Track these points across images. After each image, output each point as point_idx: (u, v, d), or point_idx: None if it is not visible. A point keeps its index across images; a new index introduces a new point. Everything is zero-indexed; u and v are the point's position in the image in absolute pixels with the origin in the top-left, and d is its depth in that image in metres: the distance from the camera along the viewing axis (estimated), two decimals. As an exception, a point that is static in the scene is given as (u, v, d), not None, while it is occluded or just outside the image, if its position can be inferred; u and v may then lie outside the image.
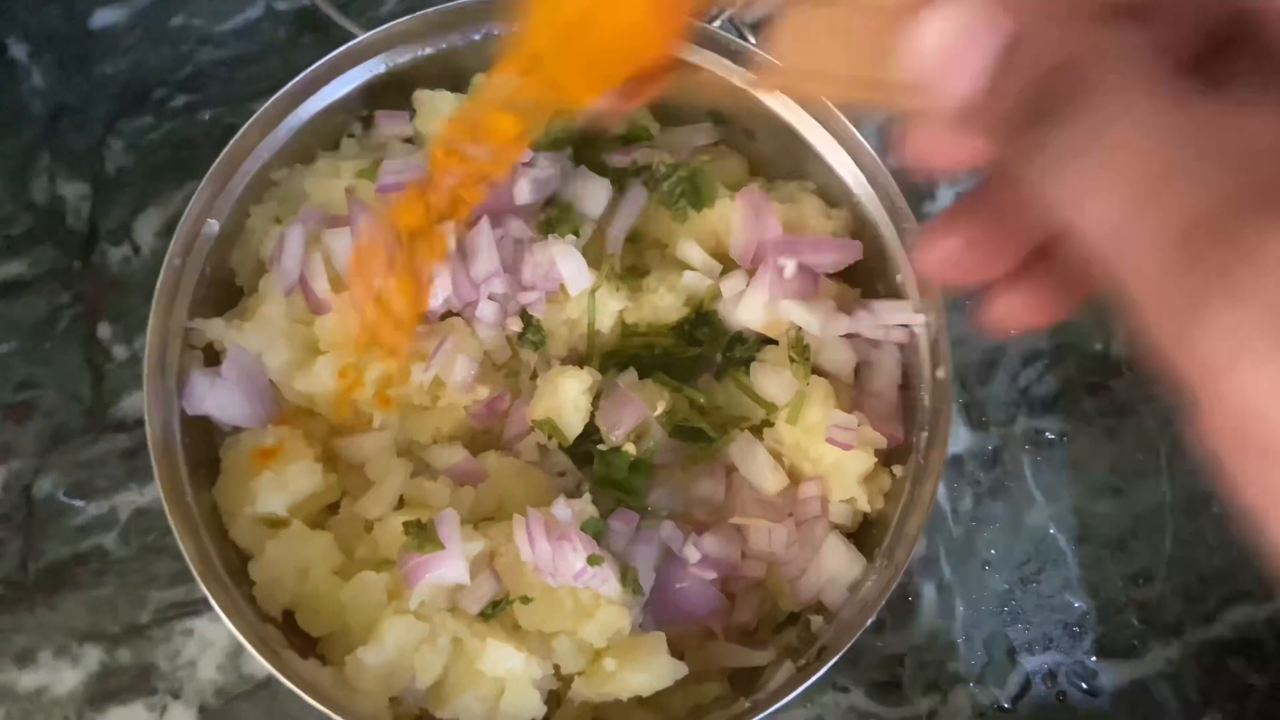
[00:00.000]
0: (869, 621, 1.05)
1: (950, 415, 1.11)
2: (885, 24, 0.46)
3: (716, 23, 1.25)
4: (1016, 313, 0.54)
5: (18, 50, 1.40)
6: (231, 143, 1.12)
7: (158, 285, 1.07)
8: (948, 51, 0.43)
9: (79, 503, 1.27)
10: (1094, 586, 1.35)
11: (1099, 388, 1.41)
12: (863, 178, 1.20)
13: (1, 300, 1.32)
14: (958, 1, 0.44)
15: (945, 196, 1.46)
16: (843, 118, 1.17)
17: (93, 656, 1.24)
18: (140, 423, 1.27)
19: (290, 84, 1.15)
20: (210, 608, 1.22)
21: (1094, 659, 1.33)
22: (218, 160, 1.12)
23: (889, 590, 1.07)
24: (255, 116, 1.13)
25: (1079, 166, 0.39)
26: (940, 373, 1.13)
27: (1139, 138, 0.38)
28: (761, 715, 1.04)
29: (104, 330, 1.32)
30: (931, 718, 1.30)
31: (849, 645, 1.04)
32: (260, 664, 1.21)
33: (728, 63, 1.21)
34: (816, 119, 1.20)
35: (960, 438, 1.38)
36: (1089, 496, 1.37)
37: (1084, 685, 1.32)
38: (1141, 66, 0.40)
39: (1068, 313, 0.54)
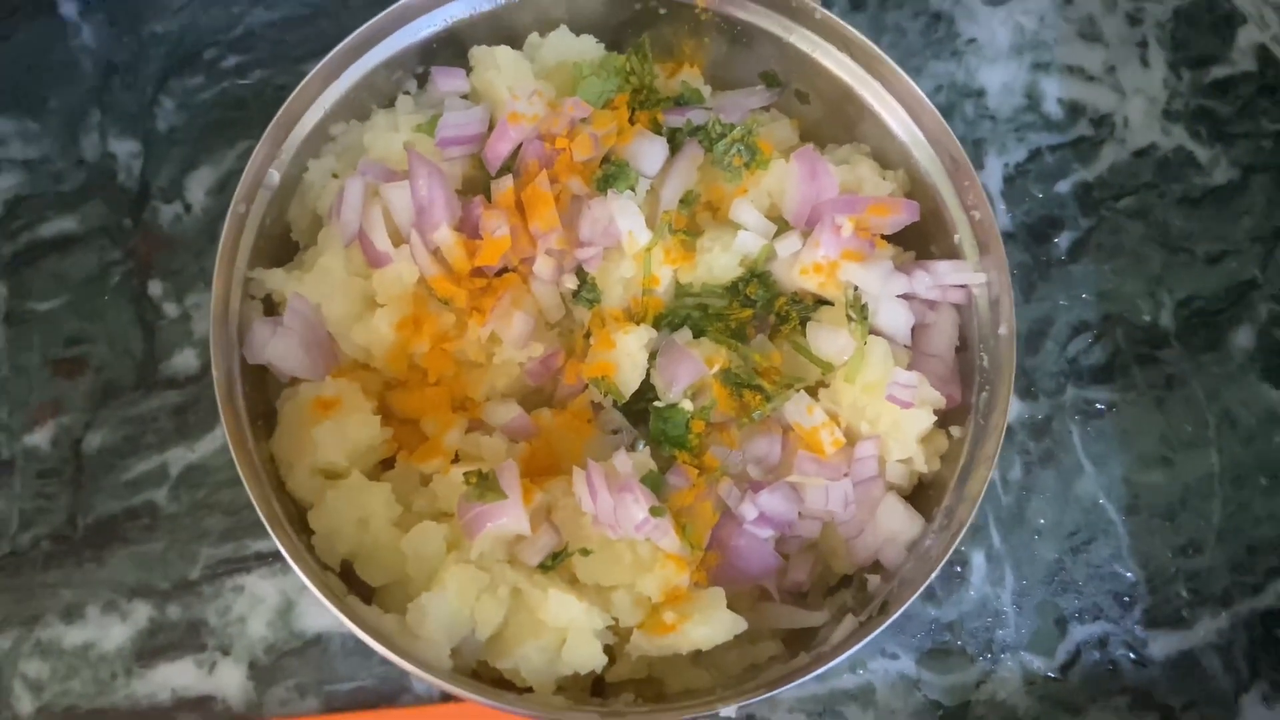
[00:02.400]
0: (931, 577, 1.04)
1: (1013, 374, 1.11)
2: None
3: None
4: None
5: (68, 8, 1.40)
6: (291, 96, 1.12)
7: (223, 234, 1.06)
8: None
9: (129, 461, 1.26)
10: (1143, 556, 1.34)
11: (1148, 358, 1.40)
12: (922, 137, 1.20)
13: (53, 255, 1.32)
14: None
15: (993, 166, 1.46)
16: (902, 73, 1.17)
17: (141, 612, 1.23)
18: (190, 380, 1.29)
19: (349, 38, 1.15)
20: (261, 564, 1.24)
21: (1143, 629, 1.32)
22: (278, 114, 1.12)
23: (951, 549, 1.06)
24: (315, 70, 1.13)
25: None
26: (1002, 330, 1.13)
27: None
28: (816, 673, 1.04)
29: (155, 287, 1.31)
30: (980, 685, 1.29)
31: (911, 600, 1.04)
32: (311, 620, 1.22)
33: (788, 22, 1.21)
34: (876, 77, 1.20)
35: (1010, 407, 1.37)
36: (1138, 467, 1.37)
37: (1133, 655, 1.31)
38: None
39: None
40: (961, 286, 1.18)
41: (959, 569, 1.33)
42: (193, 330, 1.30)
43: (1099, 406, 1.38)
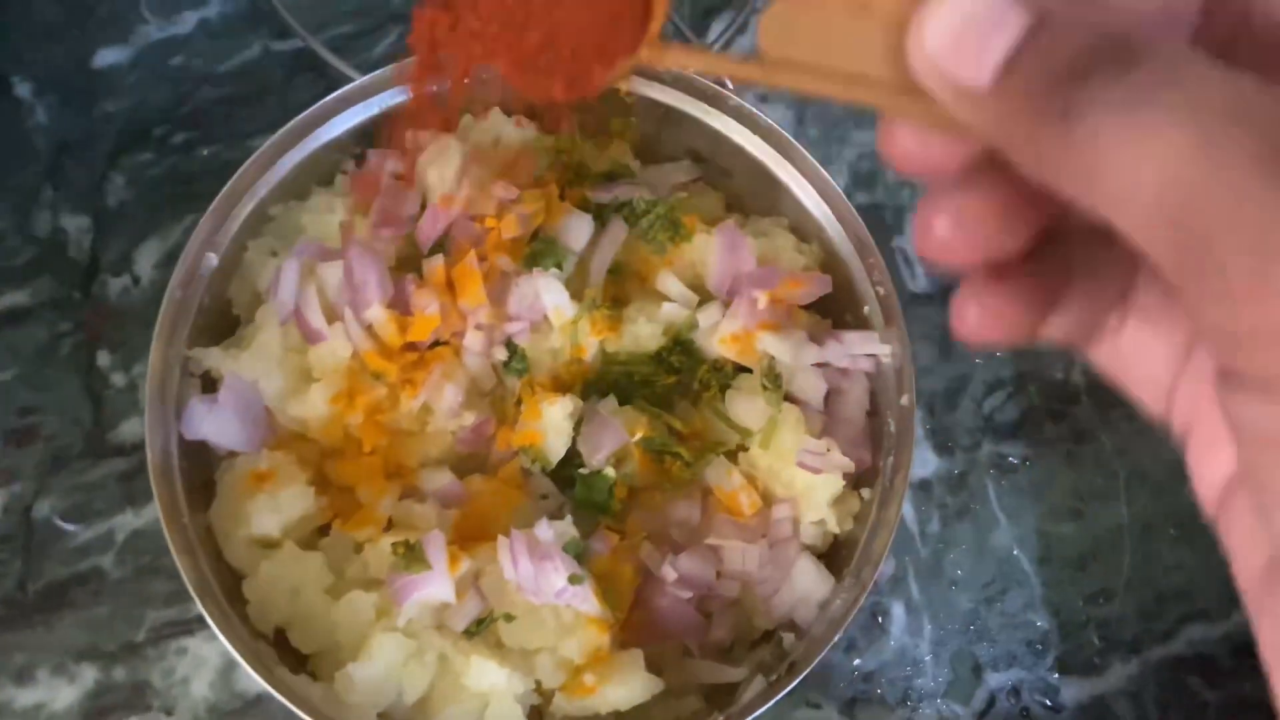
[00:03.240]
0: (836, 637, 1.10)
1: (914, 440, 1.17)
2: (890, 17, 0.45)
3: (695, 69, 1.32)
4: (985, 320, 0.51)
5: (22, 89, 1.45)
6: (232, 179, 1.18)
7: (160, 315, 1.12)
8: (971, 28, 0.41)
9: (71, 527, 1.31)
10: (1055, 605, 1.40)
11: (1059, 414, 1.47)
12: (831, 215, 1.27)
13: (4, 328, 1.36)
14: None
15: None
16: (810, 158, 1.24)
17: (89, 674, 1.27)
18: (137, 447, 1.33)
19: (289, 124, 1.21)
20: (204, 626, 1.28)
21: (1056, 675, 1.38)
22: (219, 196, 1.17)
23: (855, 607, 1.12)
24: (255, 155, 1.19)
25: (1139, 115, 0.36)
26: (905, 399, 1.19)
27: (1209, 84, 0.36)
28: (734, 729, 1.09)
29: (103, 358, 1.36)
30: (901, 733, 1.35)
31: (818, 660, 1.10)
32: (252, 682, 1.26)
33: (707, 106, 1.28)
34: (788, 159, 1.27)
35: (928, 462, 1.44)
36: (1050, 518, 1.43)
37: (1047, 701, 1.37)
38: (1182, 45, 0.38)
39: (1033, 331, 0.53)
40: (871, 355, 1.25)
41: (880, 620, 1.38)
42: (139, 400, 1.33)
43: (1013, 461, 1.45)
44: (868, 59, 0.47)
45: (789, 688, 1.08)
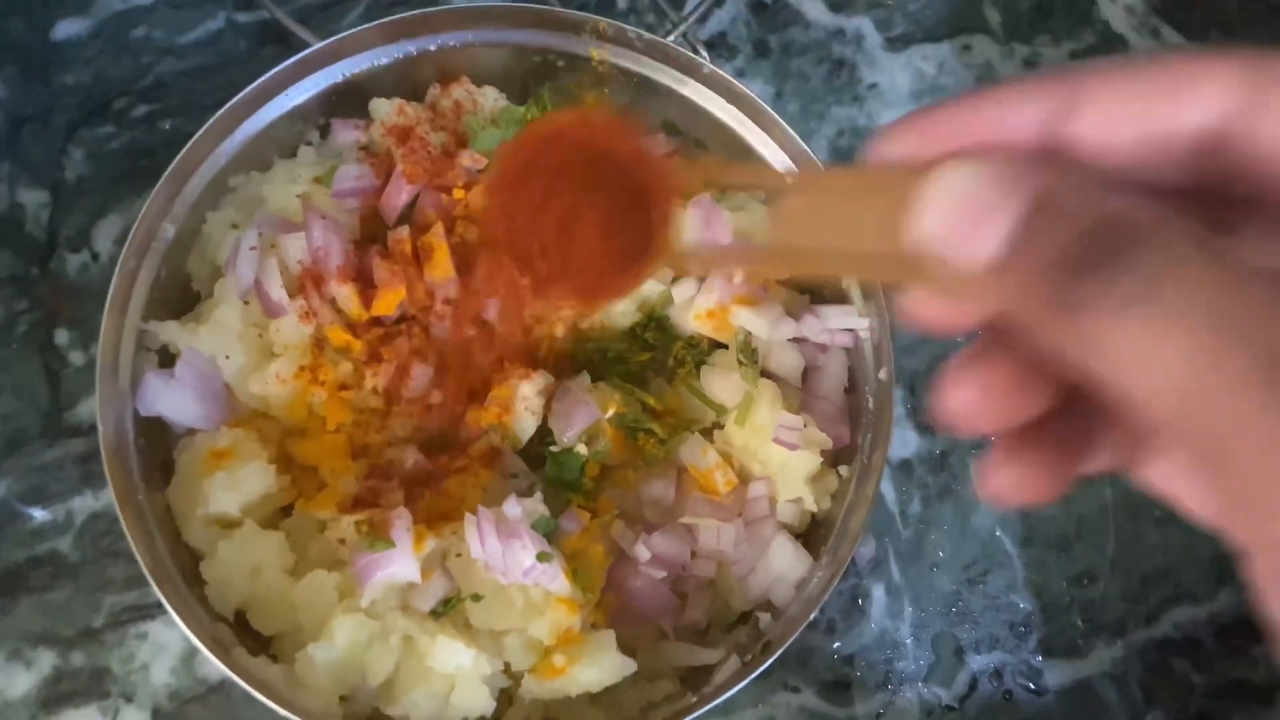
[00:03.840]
0: (811, 616, 1.07)
1: (892, 416, 1.14)
2: (892, 198, 0.45)
3: (671, 37, 1.28)
4: (1015, 486, 0.52)
5: (-21, 60, 1.41)
6: (187, 147, 1.14)
7: (111, 286, 1.08)
8: (969, 211, 0.41)
9: (33, 511, 1.27)
10: (1039, 587, 1.38)
11: (1043, 393, 1.44)
12: (809, 186, 1.24)
13: (-42, 306, 1.32)
14: (975, 160, 0.42)
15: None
16: (788, 128, 1.21)
17: (46, 660, 1.23)
18: (95, 428, 1.29)
19: (248, 89, 1.17)
20: (164, 611, 1.23)
21: (1039, 658, 1.36)
22: (173, 164, 1.13)
23: (831, 586, 1.09)
24: (212, 121, 1.15)
25: (1142, 314, 0.37)
26: (883, 374, 1.16)
27: (1203, 286, 0.36)
28: (708, 708, 1.06)
29: (61, 336, 1.32)
30: (880, 717, 1.32)
31: (794, 640, 1.07)
32: (214, 667, 1.21)
33: (680, 75, 1.25)
34: (765, 130, 1.24)
35: (909, 442, 1.41)
36: (1034, 499, 1.40)
37: (1030, 684, 1.35)
38: (1178, 225, 0.38)
39: (1065, 487, 0.53)
40: (849, 330, 1.22)
41: (859, 602, 1.36)
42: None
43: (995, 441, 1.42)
44: (879, 237, 0.47)
45: (763, 667, 1.05)
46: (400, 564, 1.05)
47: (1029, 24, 1.58)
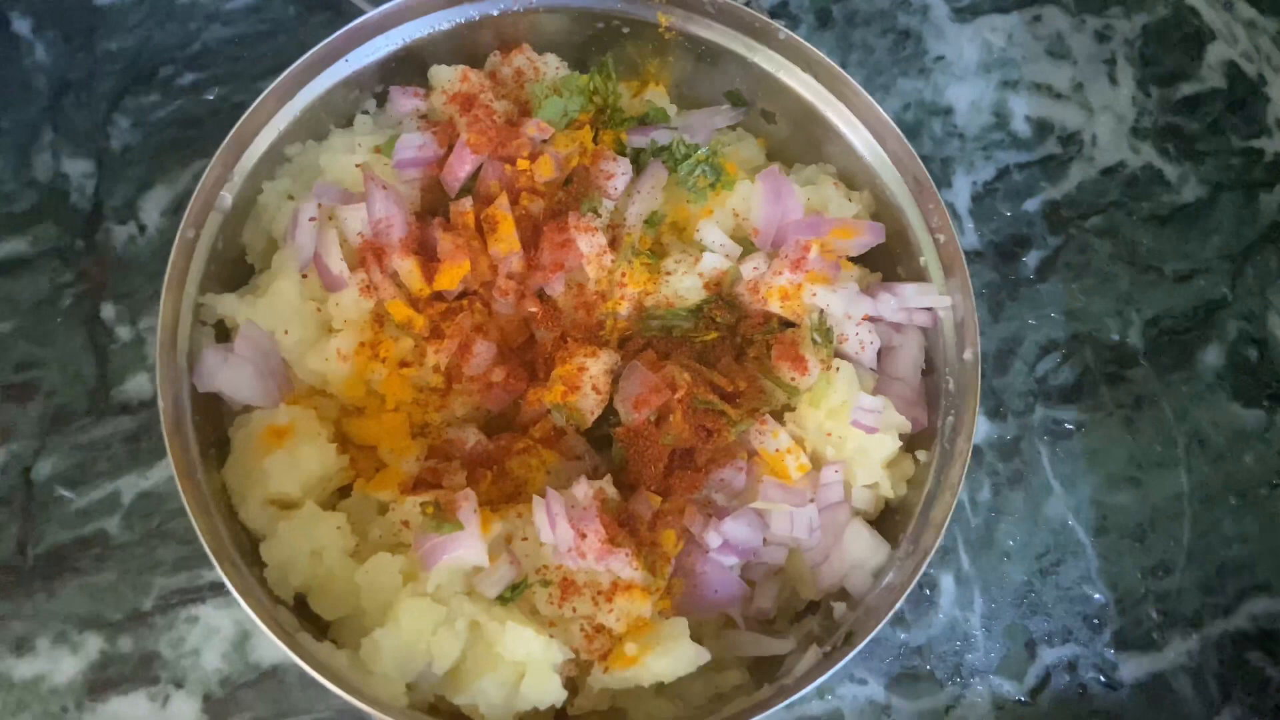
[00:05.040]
0: (898, 605, 1.03)
1: (978, 398, 1.09)
2: None
3: None
4: None
5: (21, 25, 1.37)
6: (245, 115, 1.10)
7: (170, 258, 1.04)
8: None
9: (70, 494, 1.23)
10: (1113, 578, 1.33)
11: (1116, 377, 1.40)
12: (885, 157, 1.19)
13: (3, 278, 1.29)
14: None
15: (961, 185, 1.45)
16: (865, 94, 1.16)
17: (93, 644, 1.20)
18: (144, 405, 1.26)
19: (305, 56, 1.13)
20: (215, 594, 1.21)
21: (1113, 651, 1.31)
22: (231, 133, 1.09)
23: (916, 576, 1.05)
24: (270, 88, 1.11)
25: None
26: (967, 354, 1.11)
27: None
28: (790, 700, 1.02)
29: (108, 310, 1.28)
30: (950, 710, 1.28)
31: (876, 630, 1.02)
32: (267, 651, 1.19)
33: (752, 42, 1.20)
34: (839, 97, 1.19)
35: (978, 428, 1.36)
36: (1107, 487, 1.36)
37: (1103, 678, 1.30)
38: None
39: None
40: (927, 309, 1.17)
41: (928, 592, 1.31)
42: (146, 354, 1.27)
43: (1068, 426, 1.37)
44: None
45: (848, 658, 1.00)
46: (468, 547, 1.01)
47: (1101, -5, 1.53)
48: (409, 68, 1.21)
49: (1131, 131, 1.49)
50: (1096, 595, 1.32)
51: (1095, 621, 1.32)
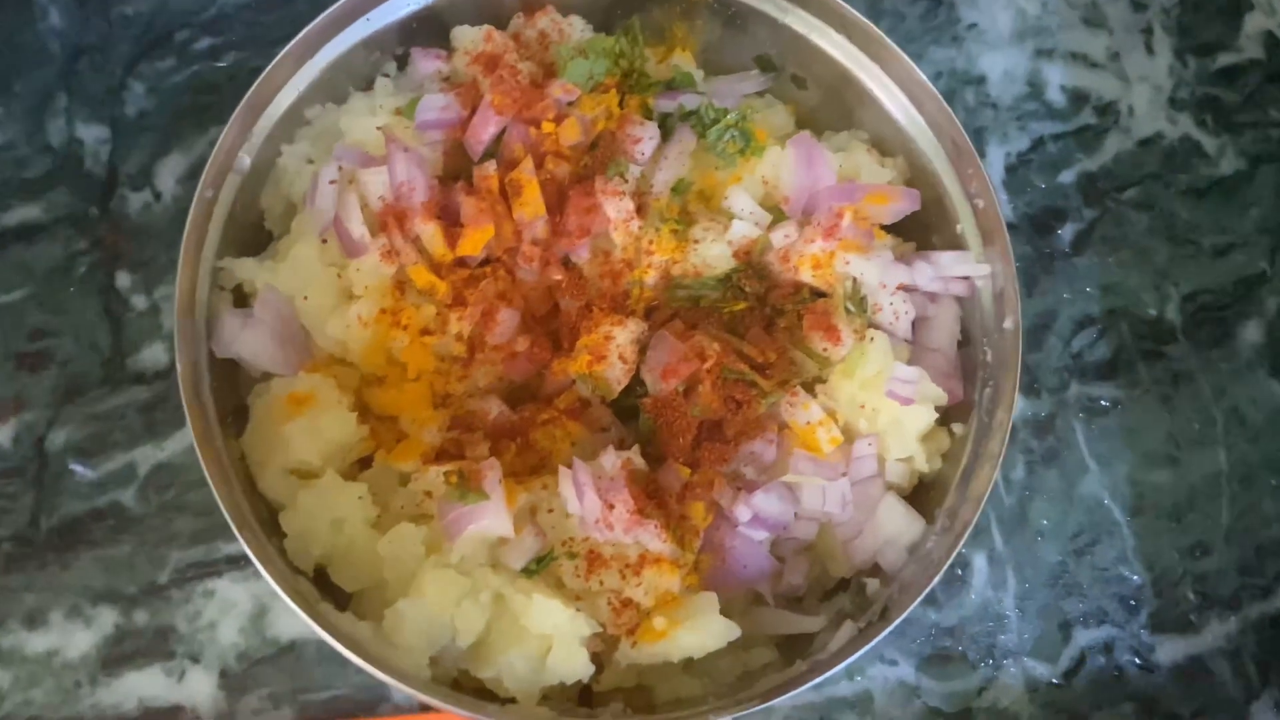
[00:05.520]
0: (935, 582, 1.00)
1: (1019, 369, 1.06)
2: None
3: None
4: None
5: (35, -12, 1.34)
6: (262, 75, 1.07)
7: (188, 220, 1.01)
8: None
9: (82, 469, 1.21)
10: (1149, 559, 1.30)
11: (1153, 354, 1.36)
12: (923, 122, 1.15)
13: (16, 245, 1.26)
14: None
15: (995, 156, 1.41)
16: (902, 54, 1.13)
17: (107, 618, 1.18)
18: (159, 375, 1.23)
19: (322, 16, 1.10)
20: (232, 567, 1.18)
21: (1150, 634, 1.28)
22: (249, 94, 1.07)
23: (955, 551, 1.02)
24: (288, 48, 1.08)
25: None
26: (1007, 324, 1.08)
27: None
28: (813, 683, 0.99)
29: (123, 279, 1.26)
30: (982, 693, 1.25)
31: (912, 606, 0.99)
32: (286, 626, 1.17)
33: (784, 3, 1.17)
34: (874, 59, 1.16)
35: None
36: (1144, 466, 1.32)
37: (1139, 660, 1.27)
38: None
39: None
40: (964, 278, 1.14)
41: (960, 571, 1.28)
42: (162, 324, 1.24)
43: (1103, 403, 1.34)
44: None
45: (883, 634, 0.98)
46: (493, 517, 0.98)
47: (1138, -37, 1.49)
48: (431, 29, 1.18)
49: (1169, 102, 1.45)
50: (1133, 576, 1.29)
51: (1131, 603, 1.28)
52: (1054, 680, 1.26)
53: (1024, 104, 1.43)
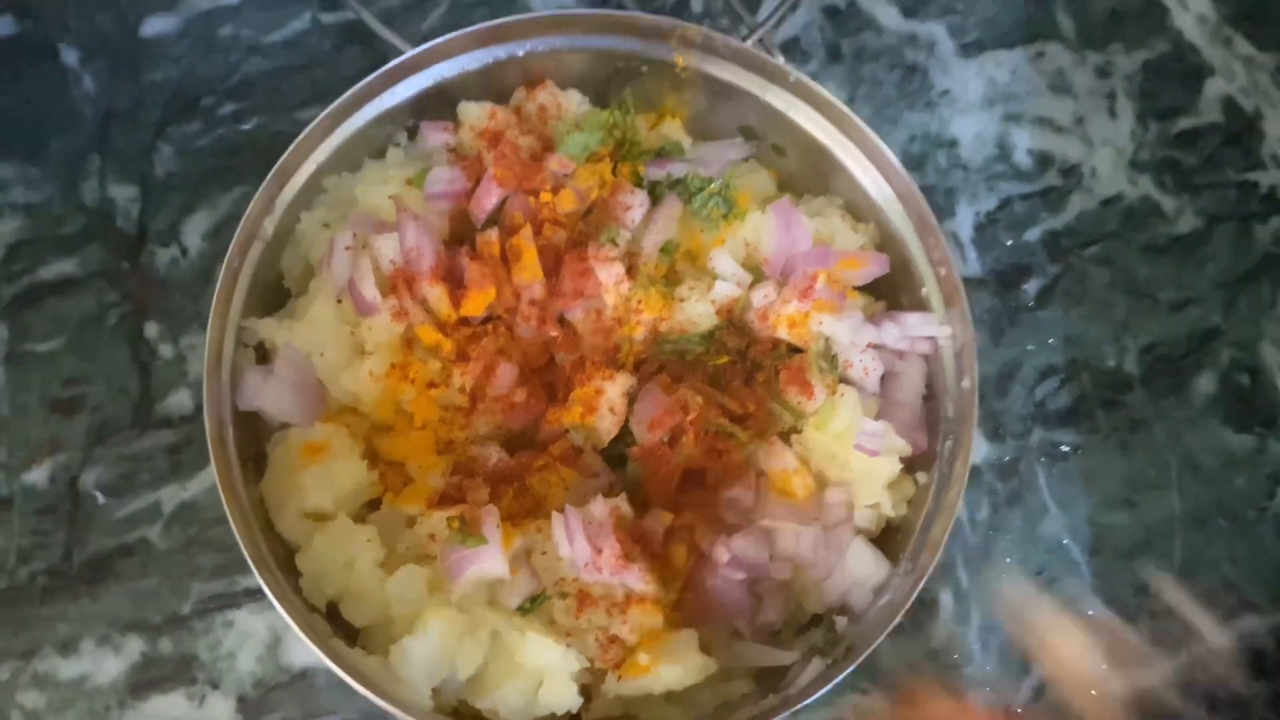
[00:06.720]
0: (896, 620, 1.09)
1: (974, 424, 1.15)
2: None
3: (749, 41, 1.29)
4: None
5: (69, 55, 1.44)
6: (289, 149, 1.17)
7: (217, 285, 1.11)
8: None
9: (104, 500, 1.30)
10: (1106, 596, 1.38)
11: (1112, 402, 1.45)
12: (890, 192, 1.25)
13: (52, 297, 1.36)
14: None
15: (965, 215, 1.51)
16: (870, 133, 1.22)
17: (134, 646, 1.27)
18: (185, 419, 1.33)
19: (345, 95, 1.19)
20: (251, 599, 1.27)
21: (1104, 666, 1.36)
22: (275, 167, 1.16)
23: (914, 593, 1.10)
24: (312, 125, 1.17)
25: None
26: (965, 383, 1.17)
27: None
28: (789, 712, 1.08)
29: (151, 329, 1.36)
30: (948, 720, 1.33)
31: (876, 644, 1.08)
32: (298, 655, 1.26)
33: (764, 81, 1.26)
34: (846, 135, 1.25)
35: (978, 449, 1.42)
36: (1102, 508, 1.41)
37: (1092, 692, 1.36)
38: None
39: None
40: (928, 338, 1.23)
41: (927, 607, 1.37)
42: (187, 371, 1.34)
43: (1064, 449, 1.43)
44: None
45: (847, 670, 1.06)
46: (491, 560, 1.07)
47: (1102, 32, 1.58)
48: (439, 103, 1.27)
49: (1130, 164, 1.54)
50: (1090, 611, 1.38)
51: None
52: (1016, 710, 1.34)
53: (993, 165, 1.53)
